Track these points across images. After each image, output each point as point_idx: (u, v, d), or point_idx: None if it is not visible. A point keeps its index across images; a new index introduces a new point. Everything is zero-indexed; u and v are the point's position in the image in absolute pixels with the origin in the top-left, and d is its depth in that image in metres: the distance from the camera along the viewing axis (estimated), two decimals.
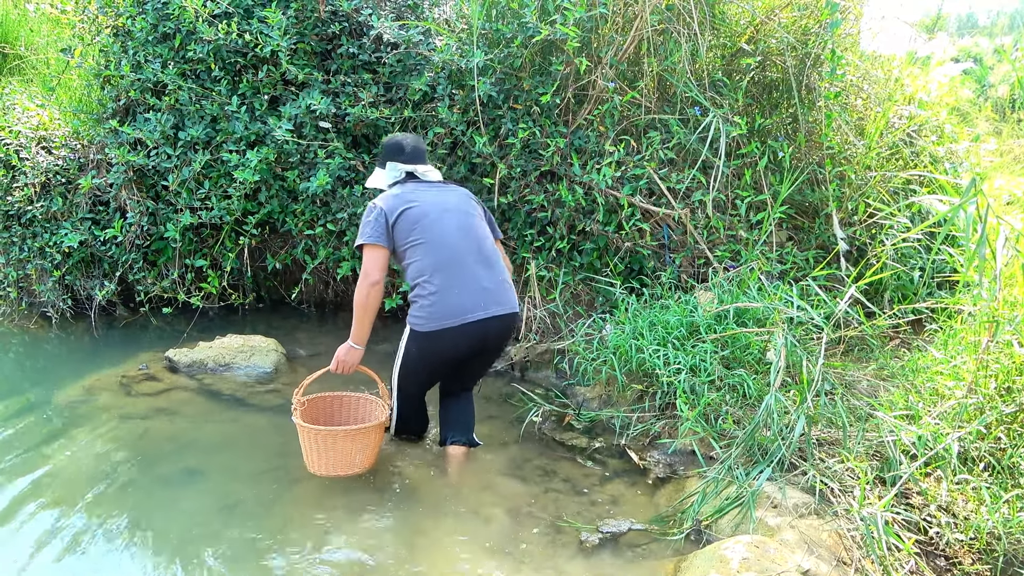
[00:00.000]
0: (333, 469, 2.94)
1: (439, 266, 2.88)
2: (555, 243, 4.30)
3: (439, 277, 2.87)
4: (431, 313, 2.86)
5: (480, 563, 2.52)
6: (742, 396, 3.26)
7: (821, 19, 4.20)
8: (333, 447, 2.89)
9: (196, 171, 4.24)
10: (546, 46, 4.24)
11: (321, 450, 2.90)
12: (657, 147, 4.20)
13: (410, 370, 3.05)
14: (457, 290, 2.87)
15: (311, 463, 2.96)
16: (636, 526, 2.72)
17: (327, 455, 2.91)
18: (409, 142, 3.13)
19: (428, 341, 2.90)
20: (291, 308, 4.98)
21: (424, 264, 2.89)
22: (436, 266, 2.88)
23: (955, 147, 4.90)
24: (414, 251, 2.91)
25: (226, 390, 3.79)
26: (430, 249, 2.90)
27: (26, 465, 3.02)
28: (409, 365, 3.03)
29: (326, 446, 2.89)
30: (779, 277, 4.09)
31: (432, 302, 2.86)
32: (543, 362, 4.20)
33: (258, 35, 4.14)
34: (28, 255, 4.48)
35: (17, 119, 4.68)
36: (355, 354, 3.03)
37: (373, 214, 2.93)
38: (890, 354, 3.75)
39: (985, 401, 2.79)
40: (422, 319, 2.88)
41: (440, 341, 2.89)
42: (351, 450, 2.92)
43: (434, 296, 2.86)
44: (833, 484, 2.67)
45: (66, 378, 3.86)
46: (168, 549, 2.55)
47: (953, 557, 2.45)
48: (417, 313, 2.90)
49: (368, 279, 2.88)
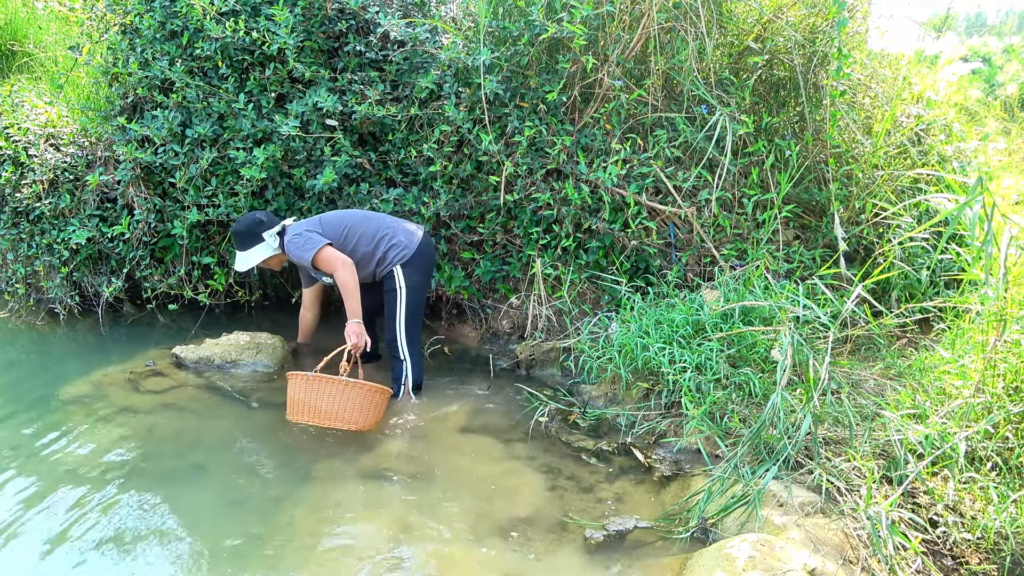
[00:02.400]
0: (316, 417, 3.27)
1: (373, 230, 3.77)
2: (561, 241, 4.30)
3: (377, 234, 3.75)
4: (402, 247, 3.72)
5: (486, 560, 2.52)
6: (748, 395, 3.26)
7: (829, 17, 4.19)
8: (325, 395, 3.26)
9: (203, 168, 4.26)
10: (553, 44, 4.24)
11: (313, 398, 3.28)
12: (664, 145, 4.19)
13: (417, 299, 3.76)
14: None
15: (298, 410, 3.29)
16: (642, 524, 2.72)
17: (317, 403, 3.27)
18: (258, 217, 3.83)
19: (419, 256, 3.74)
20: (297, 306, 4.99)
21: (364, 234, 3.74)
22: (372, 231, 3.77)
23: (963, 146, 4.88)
24: (351, 236, 3.72)
25: (232, 387, 3.80)
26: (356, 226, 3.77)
27: (32, 460, 3.03)
28: (413, 294, 3.72)
29: (319, 393, 3.26)
30: (785, 276, 4.08)
31: (398, 242, 3.73)
32: (549, 360, 4.20)
33: (265, 33, 4.15)
34: (36, 251, 4.50)
35: (26, 116, 4.70)
36: (363, 327, 3.59)
37: (301, 238, 3.66)
38: (897, 353, 3.74)
39: (993, 400, 2.78)
40: (400, 253, 3.72)
41: (426, 249, 3.80)
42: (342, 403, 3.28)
43: (393, 240, 3.73)
44: (839, 483, 2.66)
45: (73, 374, 3.88)
46: (175, 545, 2.56)
47: (960, 556, 2.44)
48: (393, 253, 3.72)
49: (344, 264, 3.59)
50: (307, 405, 3.28)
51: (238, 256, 3.85)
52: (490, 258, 4.53)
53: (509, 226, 4.51)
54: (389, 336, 3.76)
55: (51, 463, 3.02)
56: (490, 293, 4.69)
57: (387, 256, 3.72)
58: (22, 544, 2.53)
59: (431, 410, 3.66)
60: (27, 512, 2.69)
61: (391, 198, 4.34)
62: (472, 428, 3.50)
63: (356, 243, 3.71)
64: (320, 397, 3.26)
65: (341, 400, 3.26)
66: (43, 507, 2.72)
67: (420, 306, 3.83)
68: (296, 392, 3.29)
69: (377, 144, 4.54)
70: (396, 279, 3.72)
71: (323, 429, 3.35)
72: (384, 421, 3.51)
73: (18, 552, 2.49)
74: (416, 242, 3.76)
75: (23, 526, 2.61)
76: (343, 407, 3.27)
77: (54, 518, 2.66)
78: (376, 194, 4.39)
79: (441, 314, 4.81)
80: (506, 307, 4.56)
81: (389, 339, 3.77)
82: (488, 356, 4.32)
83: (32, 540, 2.55)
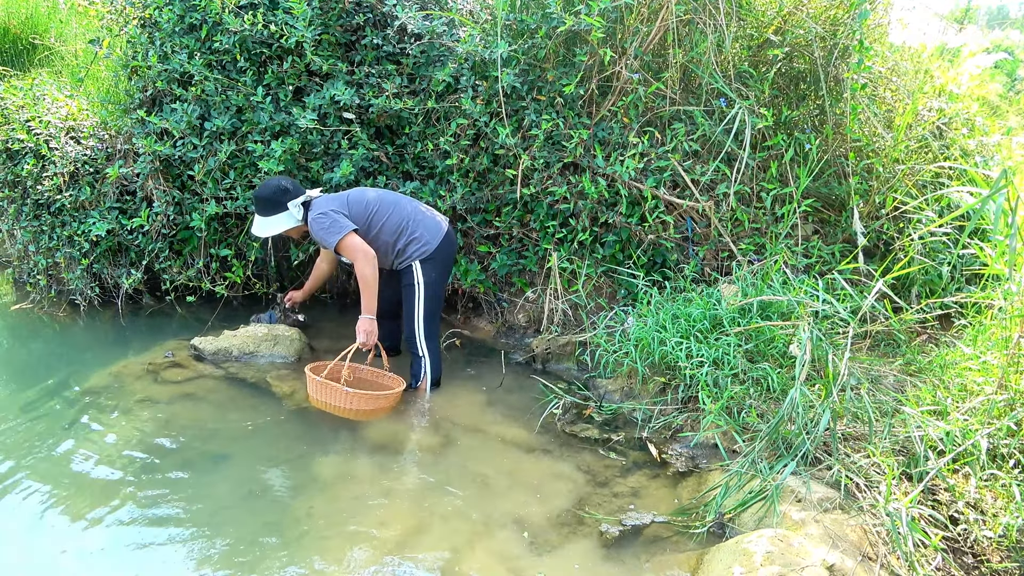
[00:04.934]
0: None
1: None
2: (577, 235, 4.29)
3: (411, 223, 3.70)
4: (424, 243, 3.67)
5: (500, 552, 2.52)
6: (766, 390, 3.24)
7: (850, 9, 4.14)
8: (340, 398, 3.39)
9: (222, 161, 4.27)
10: (570, 37, 4.22)
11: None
12: (681, 139, 4.16)
13: (435, 295, 3.72)
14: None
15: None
16: (658, 519, 2.71)
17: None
18: (283, 184, 3.67)
19: (439, 252, 3.69)
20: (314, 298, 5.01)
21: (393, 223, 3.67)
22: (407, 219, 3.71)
23: (986, 140, 4.82)
24: (374, 223, 3.64)
25: (250, 378, 3.83)
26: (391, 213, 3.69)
27: (53, 451, 3.07)
28: (431, 290, 3.68)
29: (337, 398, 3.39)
30: (804, 271, 4.05)
31: (419, 236, 3.67)
32: (565, 354, 4.20)
33: (283, 26, 4.16)
34: (57, 243, 4.54)
35: (47, 109, 4.73)
36: (375, 324, 3.59)
37: (328, 219, 3.55)
38: (917, 349, 3.70)
39: (1015, 397, 2.75)
40: (420, 248, 3.66)
41: (447, 246, 3.75)
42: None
43: (415, 235, 3.66)
44: (858, 479, 2.64)
45: (93, 365, 3.92)
46: (193, 534, 2.58)
47: (981, 554, 2.41)
48: (414, 248, 3.65)
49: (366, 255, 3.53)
50: (321, 402, 3.45)
51: (257, 221, 3.71)
52: (506, 252, 4.53)
53: (525, 220, 4.50)
54: (407, 333, 3.76)
55: (71, 453, 3.06)
56: (506, 287, 4.69)
57: (407, 250, 3.67)
58: (43, 534, 2.56)
59: (447, 404, 3.67)
60: (47, 500, 2.72)
61: (407, 191, 4.34)
62: (487, 422, 3.51)
63: (379, 232, 3.64)
64: (332, 398, 3.40)
65: (350, 402, 3.39)
66: (63, 496, 2.76)
67: (439, 302, 3.81)
68: (312, 389, 3.47)
69: (394, 137, 4.55)
70: (415, 274, 3.67)
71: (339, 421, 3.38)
72: (400, 415, 3.52)
73: (39, 541, 2.52)
74: (438, 238, 3.69)
75: (43, 516, 2.64)
76: (353, 406, 3.41)
77: (73, 508, 2.69)
78: (393, 187, 4.40)
79: (457, 307, 4.81)
80: (522, 301, 4.55)
81: (407, 336, 3.77)
82: (503, 350, 4.32)
83: (52, 529, 2.58)
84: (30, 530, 2.56)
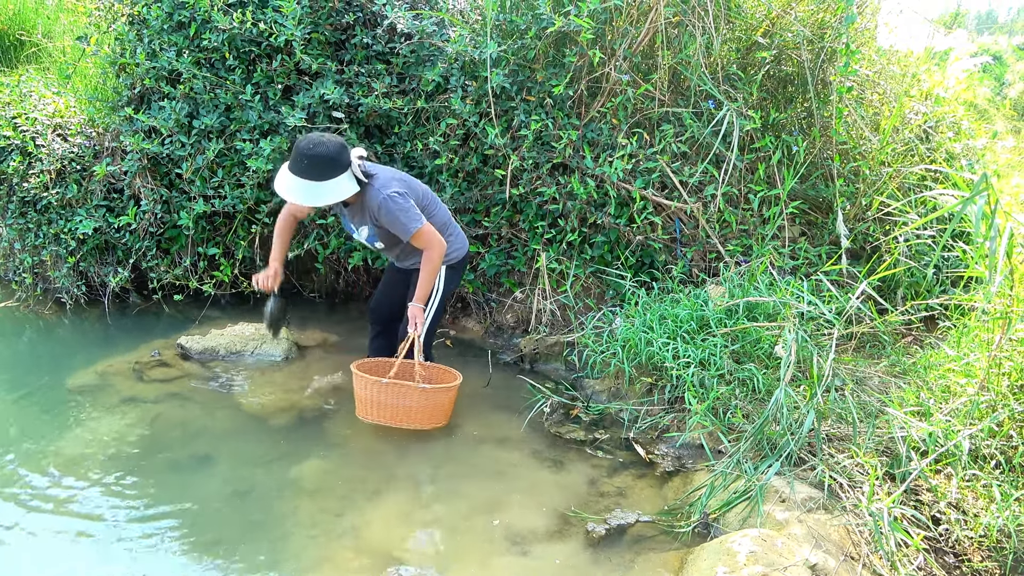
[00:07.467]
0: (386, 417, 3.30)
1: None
2: (566, 236, 4.30)
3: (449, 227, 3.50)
4: (457, 249, 3.48)
5: (486, 552, 2.53)
6: (751, 390, 3.26)
7: (837, 13, 4.17)
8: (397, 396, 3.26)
9: (210, 159, 4.26)
10: (560, 38, 4.23)
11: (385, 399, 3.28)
12: (670, 140, 4.18)
13: (444, 302, 3.56)
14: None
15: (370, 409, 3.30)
16: (643, 518, 2.73)
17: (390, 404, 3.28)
18: (340, 140, 3.11)
19: (461, 263, 3.56)
20: (302, 297, 5.01)
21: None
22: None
23: (972, 144, 4.86)
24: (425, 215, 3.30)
25: (238, 377, 3.82)
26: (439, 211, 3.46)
27: (38, 449, 3.05)
28: (444, 297, 3.51)
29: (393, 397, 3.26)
30: (791, 272, 4.07)
31: (453, 240, 3.45)
32: (553, 354, 4.21)
33: (272, 24, 4.15)
34: (43, 241, 4.51)
35: (33, 106, 4.71)
36: (424, 313, 3.40)
37: (406, 201, 3.18)
38: (902, 350, 3.73)
39: (997, 398, 2.78)
40: (452, 255, 3.44)
41: (467, 257, 3.62)
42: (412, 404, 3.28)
43: (451, 238, 3.43)
44: (842, 479, 2.66)
45: (79, 363, 3.90)
46: (179, 533, 2.57)
47: (962, 554, 2.44)
48: (448, 251, 3.37)
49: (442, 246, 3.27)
50: (379, 404, 3.29)
51: (309, 187, 2.98)
52: (495, 252, 4.53)
53: (514, 220, 4.51)
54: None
55: (56, 452, 3.04)
56: (495, 287, 4.69)
57: None
58: (25, 534, 2.54)
59: None
60: (30, 501, 2.70)
61: None
62: (474, 422, 3.51)
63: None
64: (401, 398, 3.27)
65: (410, 399, 3.27)
66: (47, 496, 2.74)
67: (444, 310, 3.73)
68: (363, 391, 3.31)
69: (383, 137, 4.54)
70: (439, 279, 3.47)
71: (326, 421, 3.37)
72: None
73: (21, 542, 2.51)
74: (465, 247, 3.56)
75: (26, 516, 2.63)
76: (410, 406, 3.28)
77: (58, 507, 2.68)
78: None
79: (445, 307, 4.81)
80: (510, 301, 4.56)
81: None
82: (491, 350, 4.32)
83: (35, 529, 2.56)
84: (9, 531, 2.54)
